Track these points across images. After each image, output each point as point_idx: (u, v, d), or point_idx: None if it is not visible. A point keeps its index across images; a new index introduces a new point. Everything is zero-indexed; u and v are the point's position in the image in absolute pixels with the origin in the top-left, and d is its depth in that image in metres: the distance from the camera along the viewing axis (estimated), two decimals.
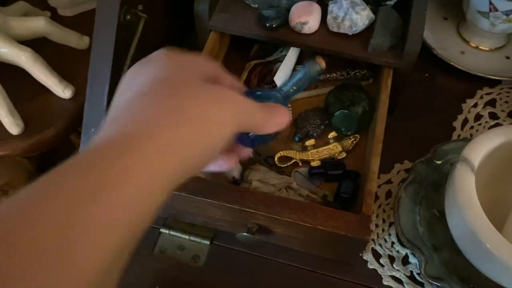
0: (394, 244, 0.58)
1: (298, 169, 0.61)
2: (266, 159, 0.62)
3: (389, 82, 0.61)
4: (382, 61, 0.62)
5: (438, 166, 0.61)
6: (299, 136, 0.63)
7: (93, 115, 0.59)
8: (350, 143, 0.62)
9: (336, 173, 0.59)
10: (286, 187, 0.57)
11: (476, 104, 0.71)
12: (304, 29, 0.63)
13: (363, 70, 0.68)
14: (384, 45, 0.61)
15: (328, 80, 0.69)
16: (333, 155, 0.61)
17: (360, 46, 0.63)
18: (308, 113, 0.65)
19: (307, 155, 0.61)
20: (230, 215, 0.54)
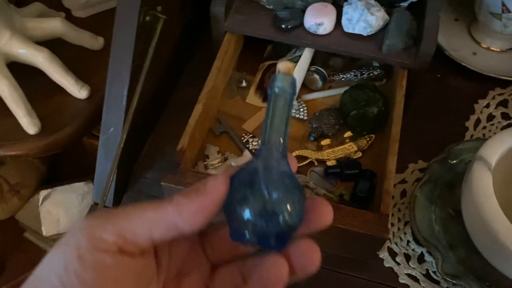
0: (410, 243, 0.59)
1: (314, 169, 0.62)
2: None
3: (404, 82, 0.62)
4: (396, 62, 0.63)
5: (453, 165, 0.61)
6: (314, 136, 0.64)
7: (111, 115, 0.60)
8: (366, 143, 0.62)
9: (352, 172, 0.60)
10: (303, 186, 0.57)
11: (488, 105, 0.71)
12: (319, 30, 0.63)
13: (377, 70, 0.69)
14: (398, 46, 0.62)
15: (342, 80, 0.70)
16: (348, 155, 0.62)
17: (374, 47, 0.63)
18: (322, 113, 0.65)
19: (323, 154, 0.62)
20: None
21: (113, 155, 0.57)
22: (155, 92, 0.66)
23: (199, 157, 0.63)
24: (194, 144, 0.60)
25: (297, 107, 0.67)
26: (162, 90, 0.70)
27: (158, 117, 0.70)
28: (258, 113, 0.67)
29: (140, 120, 0.62)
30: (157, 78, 0.66)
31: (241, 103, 0.68)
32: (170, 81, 0.72)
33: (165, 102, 0.71)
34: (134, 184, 0.64)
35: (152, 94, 0.65)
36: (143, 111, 0.62)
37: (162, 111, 0.70)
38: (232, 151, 0.64)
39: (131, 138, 0.59)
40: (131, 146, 0.62)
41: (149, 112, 0.66)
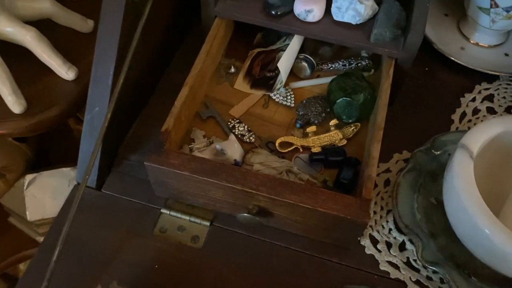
0: (392, 231, 0.59)
1: (299, 155, 0.62)
2: (267, 144, 0.63)
3: (391, 72, 0.62)
4: (384, 51, 0.63)
5: (436, 156, 0.61)
6: (300, 123, 0.64)
7: (97, 94, 0.60)
8: (351, 131, 0.63)
9: (337, 159, 0.60)
10: (287, 170, 0.58)
11: (474, 99, 0.72)
12: (309, 17, 0.63)
13: (365, 60, 0.69)
14: (386, 36, 0.62)
15: (330, 70, 0.70)
16: (333, 142, 0.62)
17: (363, 36, 0.63)
18: (310, 100, 0.66)
19: (308, 141, 0.62)
20: (231, 196, 0.54)
21: (97, 134, 0.57)
22: (143, 74, 0.66)
23: (185, 140, 0.63)
24: (179, 126, 0.60)
25: (284, 94, 0.67)
26: (151, 73, 0.69)
27: (146, 100, 0.69)
28: (246, 99, 0.67)
29: (127, 101, 0.62)
30: (145, 60, 0.66)
31: (229, 89, 0.68)
32: (160, 64, 0.72)
33: (153, 85, 0.71)
34: (118, 166, 0.64)
35: (140, 76, 0.65)
36: (130, 93, 0.62)
37: (151, 94, 0.70)
38: (218, 135, 0.64)
39: (116, 119, 0.59)
40: (117, 127, 0.62)
41: (137, 94, 0.66)
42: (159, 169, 0.54)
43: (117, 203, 0.60)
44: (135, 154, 0.64)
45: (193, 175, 0.53)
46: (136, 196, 0.61)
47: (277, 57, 0.70)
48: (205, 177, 0.53)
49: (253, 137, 0.63)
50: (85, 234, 0.56)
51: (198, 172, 0.53)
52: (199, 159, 0.54)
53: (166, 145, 0.55)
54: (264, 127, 0.64)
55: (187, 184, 0.55)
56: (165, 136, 0.55)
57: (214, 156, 0.59)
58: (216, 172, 0.53)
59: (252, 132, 0.63)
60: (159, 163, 0.53)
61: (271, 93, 0.67)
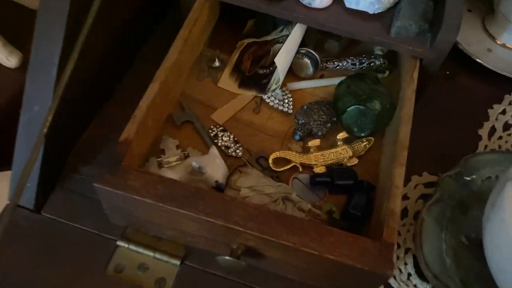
0: (411, 276, 0.47)
1: (298, 175, 0.49)
2: (258, 160, 0.50)
3: (415, 75, 0.50)
4: (407, 49, 0.51)
5: (468, 182, 0.50)
6: (300, 134, 0.51)
7: (37, 88, 0.46)
8: (363, 148, 0.50)
9: (346, 183, 0.47)
10: (284, 198, 0.45)
11: (504, 111, 0.61)
12: (315, 2, 0.50)
13: (379, 60, 0.56)
14: (411, 30, 0.50)
15: (337, 69, 0.57)
16: (341, 161, 0.49)
17: (381, 28, 0.51)
18: (312, 106, 0.53)
19: (310, 158, 0.49)
20: (210, 231, 0.41)
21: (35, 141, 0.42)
22: (101, 63, 0.52)
23: (153, 151, 0.49)
24: (145, 134, 0.46)
25: (281, 97, 0.54)
26: (112, 62, 0.55)
27: (105, 97, 0.55)
28: (232, 102, 0.54)
29: (78, 98, 0.48)
30: (104, 44, 0.52)
31: (212, 87, 0.55)
32: (125, 52, 0.58)
33: (116, 79, 0.57)
34: (65, 181, 0.50)
35: (97, 66, 0.51)
36: (82, 87, 0.48)
37: (111, 90, 0.56)
38: (196, 146, 0.50)
39: (63, 121, 0.45)
40: (64, 132, 0.48)
41: (92, 89, 0.52)
42: (113, 194, 0.40)
43: (61, 231, 0.48)
44: (88, 166, 0.51)
45: (159, 204, 0.39)
46: (86, 222, 0.48)
47: (273, 51, 0.57)
48: (176, 207, 0.39)
49: (241, 150, 0.50)
50: (15, 272, 0.44)
51: (167, 199, 0.40)
52: (168, 182, 0.41)
53: (125, 161, 0.41)
54: (254, 138, 0.51)
55: (152, 214, 0.42)
56: (123, 148, 0.42)
57: (189, 174, 0.45)
58: (190, 200, 0.40)
59: (239, 143, 0.50)
60: (114, 185, 0.40)
61: (264, 95, 0.54)
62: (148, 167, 0.48)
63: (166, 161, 0.48)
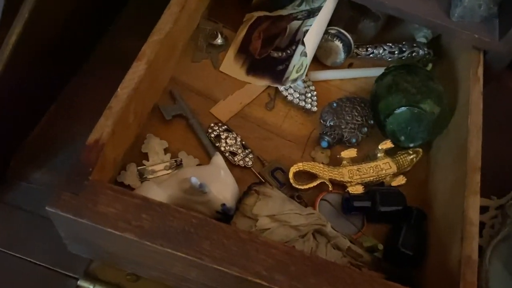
0: None
1: (326, 196, 0.37)
2: (274, 173, 0.38)
3: (480, 72, 0.39)
4: (471, 38, 0.40)
5: None
6: (329, 141, 0.39)
7: None
8: (409, 162, 0.39)
9: (392, 210, 0.36)
10: (315, 231, 0.32)
11: None
12: None
13: (423, 49, 0.45)
14: (477, 13, 0.39)
15: (370, 57, 0.45)
16: (382, 178, 0.38)
17: (439, 8, 0.40)
18: (342, 104, 0.41)
19: (342, 173, 0.37)
20: (216, 281, 0.29)
21: None
22: (61, 34, 0.38)
23: (132, 156, 0.36)
24: (124, 133, 0.33)
25: (302, 90, 0.41)
26: (78, 34, 0.41)
27: (67, 79, 0.41)
28: (238, 92, 0.41)
29: (29, 81, 0.34)
30: (67, 7, 0.37)
31: (212, 71, 0.43)
32: (92, 25, 0.44)
33: (81, 57, 0.43)
34: (7, 191, 0.36)
35: (55, 37, 0.37)
36: (33, 66, 0.34)
37: (75, 71, 0.42)
38: (191, 151, 0.38)
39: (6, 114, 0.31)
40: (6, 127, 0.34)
41: (48, 70, 0.38)
42: (76, 222, 0.27)
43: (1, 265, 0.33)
44: (39, 172, 0.38)
45: (144, 242, 0.26)
46: (35, 252, 0.36)
47: (289, 29, 0.45)
48: (170, 249, 0.27)
49: (251, 159, 0.37)
50: None
51: (155, 235, 0.27)
52: (156, 208, 0.28)
53: (94, 174, 0.28)
54: (267, 142, 0.40)
55: (131, 251, 0.29)
56: (92, 155, 0.29)
57: (184, 193, 0.32)
58: (190, 237, 0.27)
59: (248, 149, 0.38)
60: (77, 211, 0.27)
61: (281, 86, 0.41)
62: (124, 178, 0.35)
63: (150, 169, 0.36)
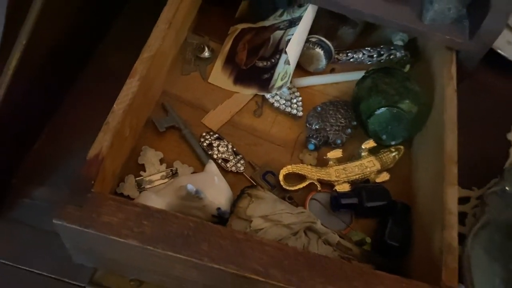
0: None
1: (316, 195, 0.39)
2: (265, 177, 0.40)
3: (453, 70, 0.42)
4: (443, 39, 0.42)
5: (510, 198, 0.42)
6: (315, 143, 0.41)
7: None
8: (392, 159, 0.41)
9: (378, 205, 0.38)
10: (307, 228, 0.35)
11: None
12: None
13: (401, 51, 0.47)
14: (448, 15, 0.42)
15: (350, 62, 0.47)
16: (367, 176, 0.40)
17: (411, 13, 0.42)
18: (326, 108, 0.43)
19: (329, 173, 0.40)
20: (215, 280, 0.31)
21: None
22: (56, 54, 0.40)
23: (129, 168, 0.38)
24: (121, 146, 0.35)
25: (287, 96, 0.44)
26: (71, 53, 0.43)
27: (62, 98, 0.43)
28: (227, 102, 0.43)
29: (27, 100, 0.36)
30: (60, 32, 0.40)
31: (201, 83, 0.46)
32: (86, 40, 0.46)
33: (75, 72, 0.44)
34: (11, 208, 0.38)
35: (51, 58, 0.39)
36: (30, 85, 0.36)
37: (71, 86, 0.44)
38: (185, 160, 0.40)
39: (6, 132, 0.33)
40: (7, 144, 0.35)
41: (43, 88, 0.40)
42: (82, 233, 0.29)
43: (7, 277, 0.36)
44: (42, 188, 0.40)
45: (147, 247, 0.28)
46: (40, 264, 0.38)
47: (273, 39, 0.47)
48: (171, 252, 0.29)
49: (242, 164, 0.39)
50: None
51: (156, 241, 0.29)
52: (156, 215, 0.30)
53: (96, 186, 0.30)
54: (257, 148, 0.42)
55: (134, 256, 0.31)
56: (93, 169, 0.31)
57: (181, 199, 0.34)
58: (190, 241, 0.29)
59: (239, 155, 0.40)
60: (83, 222, 0.29)
61: (267, 94, 0.43)
62: (123, 189, 0.37)
63: (147, 180, 0.38)
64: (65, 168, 0.40)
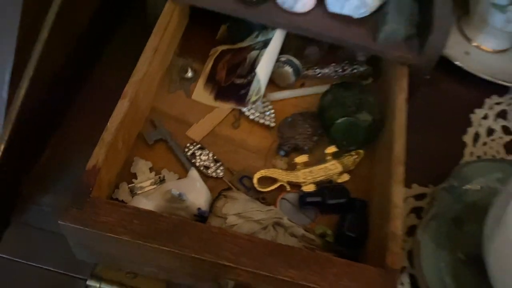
0: None
1: (286, 195, 0.45)
2: (241, 180, 0.45)
3: (405, 83, 0.47)
4: (395, 56, 0.48)
5: (461, 193, 0.47)
6: (285, 150, 0.47)
7: None
8: (353, 162, 0.47)
9: (338, 202, 0.44)
10: (275, 223, 0.40)
11: (486, 116, 0.59)
12: (297, 6, 0.47)
13: (363, 66, 0.53)
14: (398, 35, 0.47)
15: (318, 77, 0.53)
16: (330, 177, 0.46)
17: (367, 34, 0.48)
18: (296, 118, 0.49)
19: (297, 176, 0.45)
20: (196, 268, 0.36)
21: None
22: (58, 77, 0.46)
23: (123, 176, 0.44)
24: (115, 158, 0.41)
25: (261, 109, 0.50)
26: (71, 75, 0.49)
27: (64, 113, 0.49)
28: (209, 116, 0.49)
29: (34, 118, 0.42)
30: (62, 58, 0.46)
31: (185, 100, 0.50)
32: (84, 62, 0.52)
33: (75, 92, 0.51)
34: (21, 213, 0.43)
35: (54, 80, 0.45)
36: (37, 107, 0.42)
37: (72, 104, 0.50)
38: (172, 168, 0.45)
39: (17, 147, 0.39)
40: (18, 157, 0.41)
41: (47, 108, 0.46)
42: (83, 231, 0.35)
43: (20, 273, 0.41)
44: (47, 196, 0.45)
45: (137, 241, 0.34)
46: (48, 261, 0.43)
47: (249, 58, 0.53)
48: (157, 244, 0.34)
49: (222, 170, 0.45)
50: None
51: (145, 236, 0.35)
52: (145, 215, 0.36)
53: (94, 192, 0.36)
54: (235, 155, 0.47)
55: (128, 251, 0.37)
56: (91, 177, 0.36)
57: (167, 202, 0.40)
58: (173, 235, 0.35)
59: (219, 162, 0.46)
60: (83, 222, 0.34)
61: (244, 108, 0.49)
62: (118, 194, 0.42)
63: (139, 186, 0.43)
64: (67, 177, 0.46)
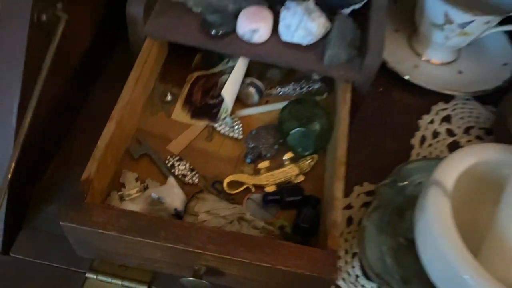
0: (359, 278, 0.52)
1: (251, 196, 0.53)
2: (214, 185, 0.54)
3: (348, 97, 0.56)
4: (339, 75, 0.56)
5: (402, 188, 0.56)
6: (251, 157, 0.56)
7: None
8: (308, 165, 0.55)
9: (294, 199, 0.52)
10: (239, 218, 0.49)
11: (432, 121, 0.68)
12: (254, 37, 0.56)
13: (318, 83, 0.62)
14: (341, 57, 0.56)
15: (280, 95, 0.62)
16: (289, 179, 0.54)
17: (315, 58, 0.57)
18: (260, 131, 0.58)
19: (261, 179, 0.54)
20: (173, 257, 0.45)
21: None
22: (58, 104, 0.55)
23: (113, 185, 0.52)
24: (105, 171, 0.49)
25: (231, 124, 0.58)
26: (69, 102, 0.58)
27: (64, 134, 0.58)
28: (186, 132, 0.58)
29: (38, 142, 0.51)
30: (61, 88, 0.55)
31: (166, 120, 0.59)
32: (80, 90, 0.61)
33: (73, 116, 0.60)
34: (30, 220, 0.52)
35: (55, 107, 0.54)
36: (41, 131, 0.51)
37: (70, 126, 0.59)
38: (154, 177, 0.54)
39: (24, 165, 0.47)
40: (26, 174, 0.50)
41: (51, 131, 0.55)
42: (79, 230, 0.43)
43: (31, 269, 0.50)
44: (52, 205, 0.53)
45: (123, 236, 0.43)
46: (54, 258, 0.50)
47: (220, 82, 0.62)
48: (139, 237, 0.43)
49: (197, 177, 0.54)
50: None
51: (130, 231, 0.43)
52: (130, 214, 0.44)
53: (88, 198, 0.45)
54: (209, 164, 0.55)
55: (117, 245, 0.45)
56: (85, 187, 0.45)
57: (150, 205, 0.49)
58: (152, 230, 0.43)
59: (195, 170, 0.54)
60: (79, 222, 0.43)
61: (215, 124, 0.58)
62: (110, 201, 0.51)
63: (127, 194, 0.52)
64: (68, 189, 0.54)
